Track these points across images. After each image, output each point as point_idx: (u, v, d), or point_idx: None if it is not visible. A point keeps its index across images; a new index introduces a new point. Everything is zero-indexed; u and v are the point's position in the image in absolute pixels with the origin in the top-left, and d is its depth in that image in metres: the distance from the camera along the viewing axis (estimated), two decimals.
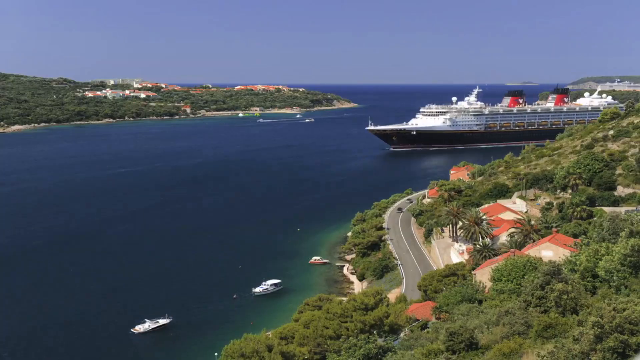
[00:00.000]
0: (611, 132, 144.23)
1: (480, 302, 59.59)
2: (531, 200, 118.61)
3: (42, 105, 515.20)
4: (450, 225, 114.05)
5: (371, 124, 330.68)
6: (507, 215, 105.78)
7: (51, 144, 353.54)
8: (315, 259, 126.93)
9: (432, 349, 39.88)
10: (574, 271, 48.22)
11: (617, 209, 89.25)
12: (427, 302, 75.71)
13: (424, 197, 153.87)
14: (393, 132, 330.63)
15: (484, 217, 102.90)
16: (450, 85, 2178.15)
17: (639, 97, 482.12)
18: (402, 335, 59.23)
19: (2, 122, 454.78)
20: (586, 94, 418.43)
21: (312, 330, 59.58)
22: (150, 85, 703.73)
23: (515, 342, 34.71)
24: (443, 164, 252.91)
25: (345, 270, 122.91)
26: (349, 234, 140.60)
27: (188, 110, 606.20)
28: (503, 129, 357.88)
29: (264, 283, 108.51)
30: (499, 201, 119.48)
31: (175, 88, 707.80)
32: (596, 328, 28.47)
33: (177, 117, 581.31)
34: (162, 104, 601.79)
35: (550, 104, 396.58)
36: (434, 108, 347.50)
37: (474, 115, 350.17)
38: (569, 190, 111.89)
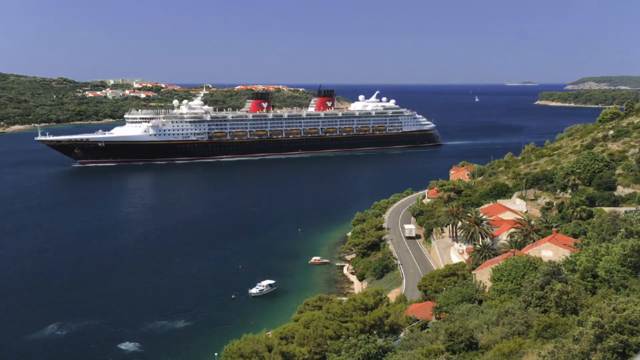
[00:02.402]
0: (611, 132, 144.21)
1: (480, 302, 59.63)
2: (531, 200, 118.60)
3: (42, 105, 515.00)
4: (450, 225, 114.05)
5: (42, 134, 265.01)
6: (507, 215, 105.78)
7: None
8: (315, 259, 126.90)
9: (432, 349, 39.89)
10: (574, 271, 48.24)
11: (617, 209, 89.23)
12: (427, 302, 75.73)
13: (424, 197, 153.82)
14: (74, 144, 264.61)
15: (484, 217, 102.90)
16: (451, 86, 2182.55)
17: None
18: (402, 335, 59.23)
19: (2, 122, 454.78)
20: (361, 97, 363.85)
21: (312, 330, 59.59)
22: (150, 85, 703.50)
23: (515, 342, 34.72)
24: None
25: (345, 270, 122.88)
26: (349, 234, 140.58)
27: None
28: (236, 138, 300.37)
29: (259, 284, 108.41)
30: (499, 201, 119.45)
31: (175, 88, 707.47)
32: (596, 328, 28.48)
33: None
34: (162, 104, 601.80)
35: (311, 108, 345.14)
36: (139, 113, 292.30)
37: (191, 122, 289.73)
38: (569, 190, 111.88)
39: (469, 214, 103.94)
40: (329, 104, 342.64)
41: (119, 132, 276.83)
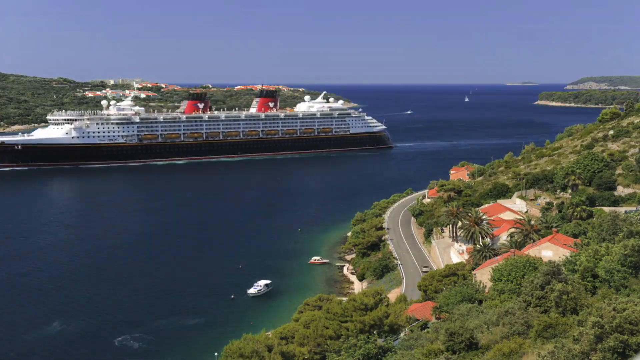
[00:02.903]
0: (611, 132, 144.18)
1: (480, 302, 59.62)
2: (531, 200, 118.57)
3: (42, 105, 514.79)
4: (450, 225, 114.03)
5: None
6: (507, 215, 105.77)
7: None
8: (315, 259, 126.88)
9: (432, 349, 39.88)
10: (574, 271, 48.22)
11: (617, 209, 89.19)
12: (427, 302, 75.73)
13: (424, 197, 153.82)
14: None
15: (484, 217, 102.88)
16: (450, 86, 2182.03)
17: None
18: (402, 335, 59.23)
19: (2, 122, 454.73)
20: (307, 97, 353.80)
21: (312, 330, 59.60)
22: (150, 85, 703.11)
23: (515, 342, 34.70)
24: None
25: (345, 270, 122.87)
26: (349, 234, 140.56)
27: None
28: (169, 141, 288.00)
29: (256, 284, 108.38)
30: (499, 201, 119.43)
31: (175, 88, 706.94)
32: (596, 328, 28.47)
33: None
34: (162, 104, 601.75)
35: (253, 109, 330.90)
36: (62, 114, 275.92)
37: (118, 124, 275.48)
38: (569, 190, 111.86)
39: (469, 214, 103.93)
40: (272, 104, 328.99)
41: (40, 135, 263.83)
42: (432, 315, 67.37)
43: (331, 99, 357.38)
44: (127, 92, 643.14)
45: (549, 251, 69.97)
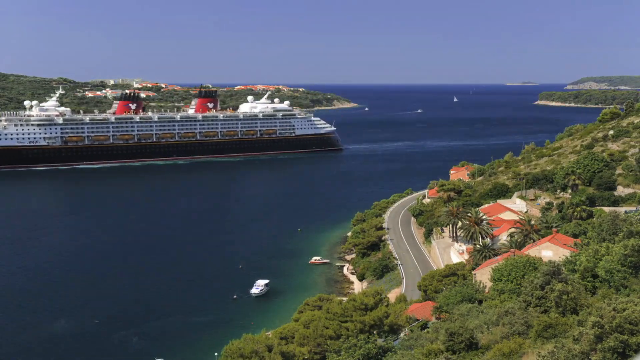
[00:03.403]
0: (611, 132, 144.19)
1: (480, 302, 59.62)
2: (531, 200, 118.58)
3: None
4: (450, 225, 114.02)
5: None
6: (507, 215, 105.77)
7: None
8: (316, 259, 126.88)
9: (432, 349, 39.87)
10: (574, 271, 48.21)
11: (617, 209, 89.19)
12: (427, 302, 75.73)
13: (424, 197, 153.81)
14: None
15: (484, 217, 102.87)
16: (451, 85, 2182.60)
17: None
18: (402, 335, 59.23)
19: None
20: (250, 97, 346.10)
21: (312, 330, 59.60)
22: (150, 85, 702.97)
23: (515, 342, 34.70)
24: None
25: (345, 270, 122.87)
26: (349, 234, 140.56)
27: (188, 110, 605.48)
28: (97, 143, 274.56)
29: (256, 284, 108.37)
30: (499, 201, 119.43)
31: (175, 88, 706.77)
32: (596, 328, 28.47)
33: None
34: (162, 104, 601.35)
35: (191, 110, 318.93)
36: None
37: (40, 125, 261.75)
38: (569, 190, 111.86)
39: (469, 214, 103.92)
40: (211, 105, 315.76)
41: None
42: (432, 315, 67.37)
43: (281, 102, 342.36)
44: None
45: (549, 251, 69.98)
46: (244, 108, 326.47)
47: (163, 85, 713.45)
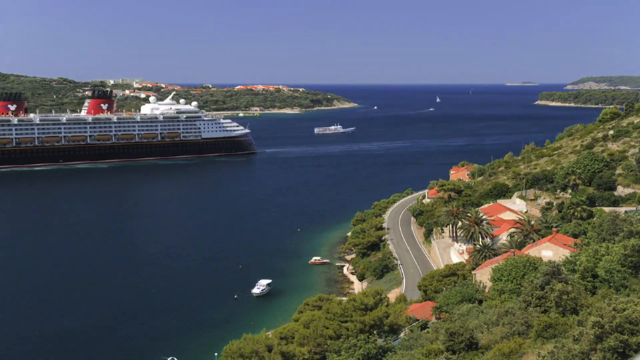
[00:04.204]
0: (611, 132, 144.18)
1: (480, 302, 59.61)
2: (531, 200, 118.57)
3: (42, 105, 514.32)
4: (450, 225, 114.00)
5: None
6: (507, 215, 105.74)
7: None
8: (316, 259, 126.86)
9: (432, 349, 39.86)
10: (574, 271, 48.20)
11: (617, 209, 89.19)
12: (427, 302, 75.72)
13: (423, 197, 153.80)
14: None
15: (484, 217, 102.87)
16: (450, 86, 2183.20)
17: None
18: (402, 335, 59.21)
19: None
20: (152, 98, 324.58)
21: (312, 330, 59.59)
22: (150, 85, 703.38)
23: (515, 342, 34.70)
24: None
25: (345, 270, 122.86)
26: (349, 234, 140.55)
27: None
28: None
29: (258, 284, 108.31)
30: (499, 201, 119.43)
31: (175, 88, 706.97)
32: (596, 328, 28.47)
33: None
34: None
35: (84, 111, 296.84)
36: None
37: None
38: (569, 190, 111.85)
39: (469, 214, 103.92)
40: (105, 107, 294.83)
41: None
42: (432, 315, 67.36)
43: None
44: (127, 92, 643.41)
45: (549, 251, 69.96)
46: (145, 110, 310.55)
47: (163, 85, 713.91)
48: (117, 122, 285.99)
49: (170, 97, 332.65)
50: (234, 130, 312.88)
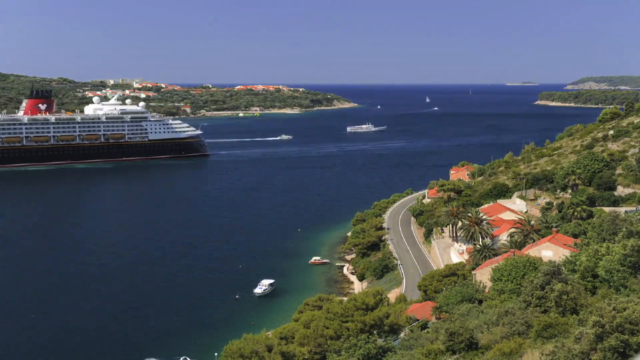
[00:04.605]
0: (611, 132, 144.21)
1: (480, 302, 59.62)
2: (531, 200, 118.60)
3: None
4: (450, 225, 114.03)
5: None
6: (507, 215, 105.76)
7: None
8: (316, 259, 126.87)
9: (432, 349, 39.85)
10: (574, 271, 48.19)
11: (617, 209, 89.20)
12: (427, 302, 75.73)
13: (423, 197, 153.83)
14: None
15: (484, 217, 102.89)
16: (451, 85, 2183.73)
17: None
18: (402, 335, 59.20)
19: None
20: (95, 98, 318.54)
21: (312, 330, 59.59)
22: (150, 85, 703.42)
23: (515, 342, 34.70)
24: None
25: (345, 270, 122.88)
26: (349, 234, 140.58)
27: (188, 110, 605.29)
28: None
29: (260, 284, 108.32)
30: (499, 201, 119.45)
31: (175, 88, 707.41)
32: (597, 328, 28.47)
33: (177, 117, 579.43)
34: (162, 104, 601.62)
35: (21, 112, 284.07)
36: None
37: None
38: (569, 190, 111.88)
39: (469, 214, 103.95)
40: (43, 107, 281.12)
41: None
42: (432, 315, 67.37)
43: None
44: (127, 92, 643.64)
45: (549, 251, 69.97)
46: (88, 110, 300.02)
47: (163, 85, 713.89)
48: (56, 122, 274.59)
49: (115, 97, 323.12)
50: (184, 132, 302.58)
